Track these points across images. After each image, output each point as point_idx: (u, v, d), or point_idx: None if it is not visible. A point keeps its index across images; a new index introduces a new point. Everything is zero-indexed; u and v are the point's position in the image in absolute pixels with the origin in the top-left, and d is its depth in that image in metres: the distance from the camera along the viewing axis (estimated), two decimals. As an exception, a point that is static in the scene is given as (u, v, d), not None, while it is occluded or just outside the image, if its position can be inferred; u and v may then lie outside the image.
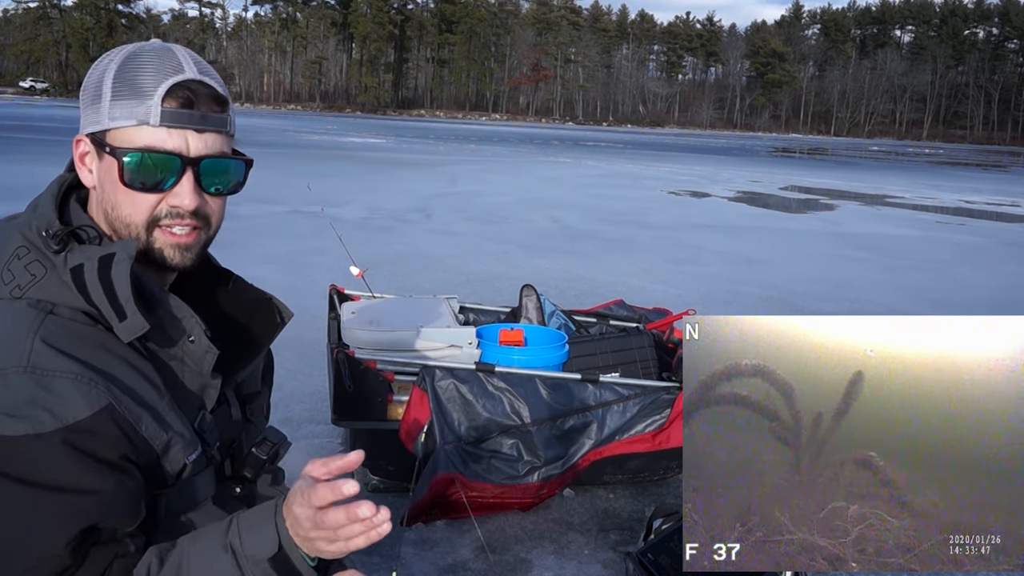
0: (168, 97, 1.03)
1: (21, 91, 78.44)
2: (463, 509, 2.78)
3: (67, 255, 1.02)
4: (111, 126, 1.05)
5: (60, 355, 0.95)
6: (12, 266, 1.02)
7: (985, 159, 48.84)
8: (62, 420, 0.92)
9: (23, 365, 0.93)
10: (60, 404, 0.93)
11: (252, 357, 1.23)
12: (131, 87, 1.04)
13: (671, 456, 3.03)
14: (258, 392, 1.31)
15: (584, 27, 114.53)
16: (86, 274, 1.00)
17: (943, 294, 7.63)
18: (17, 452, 0.91)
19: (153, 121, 1.03)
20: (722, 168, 25.34)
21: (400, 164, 19.86)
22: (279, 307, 1.25)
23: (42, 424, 0.91)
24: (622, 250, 8.99)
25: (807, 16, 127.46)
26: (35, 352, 0.94)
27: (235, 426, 1.22)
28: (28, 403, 0.92)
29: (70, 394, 0.94)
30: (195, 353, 1.08)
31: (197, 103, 1.05)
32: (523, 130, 59.05)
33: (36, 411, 0.92)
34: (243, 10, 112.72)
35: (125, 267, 1.00)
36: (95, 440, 0.95)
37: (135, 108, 1.03)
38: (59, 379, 0.94)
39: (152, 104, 1.03)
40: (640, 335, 3.34)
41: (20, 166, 13.51)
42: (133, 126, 1.04)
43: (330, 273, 4.99)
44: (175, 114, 1.04)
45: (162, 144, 1.04)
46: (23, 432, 0.91)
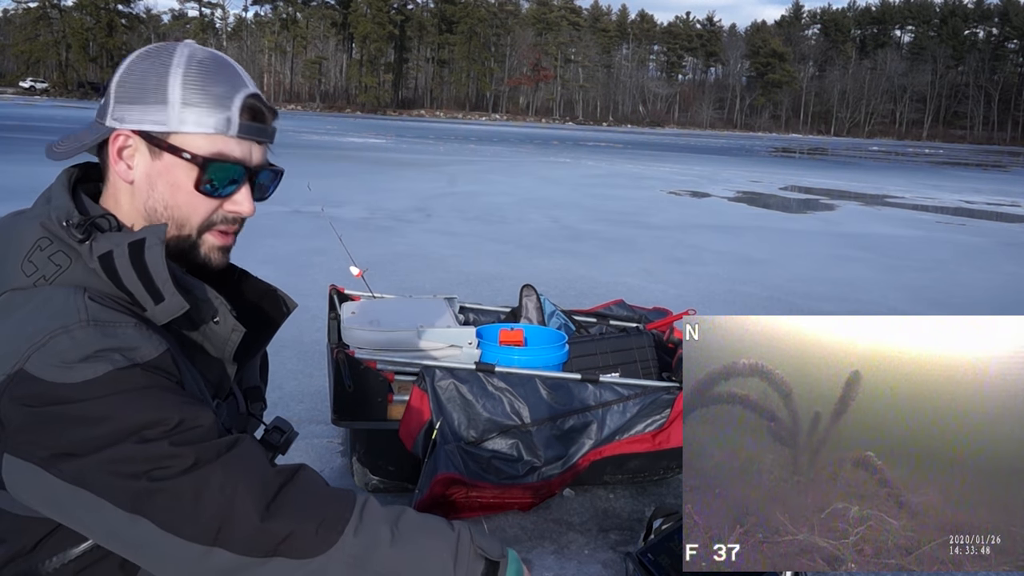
0: (244, 110, 1.09)
1: (21, 91, 78.44)
2: (463, 509, 2.78)
3: (92, 244, 1.03)
4: (181, 129, 1.07)
5: (111, 309, 0.99)
6: (34, 257, 1.03)
7: (985, 159, 48.84)
8: (134, 360, 0.95)
9: (84, 319, 0.95)
10: (129, 346, 0.96)
11: (262, 345, 1.27)
12: (206, 95, 1.08)
13: (671, 456, 3.03)
14: (256, 387, 1.34)
15: (584, 27, 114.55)
16: (116, 260, 1.02)
17: (943, 294, 7.63)
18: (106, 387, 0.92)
19: (232, 132, 1.09)
20: (722, 168, 25.34)
21: (400, 164, 19.86)
22: (284, 297, 1.29)
23: (118, 363, 0.94)
24: (622, 250, 8.99)
25: (807, 16, 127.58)
26: (90, 308, 0.97)
27: (242, 419, 1.25)
28: (100, 348, 0.94)
29: (136, 337, 0.97)
30: (219, 334, 1.12)
31: (265, 118, 1.12)
32: (523, 130, 59.06)
33: (110, 354, 0.94)
34: (243, 10, 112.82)
35: (159, 250, 1.03)
36: (168, 377, 0.98)
37: (212, 117, 1.07)
38: (121, 327, 0.97)
39: (231, 115, 1.08)
40: (640, 335, 3.34)
41: (20, 166, 13.51)
42: (209, 134, 1.08)
43: (330, 273, 4.99)
44: (250, 127, 1.10)
45: (233, 153, 1.10)
46: (104, 371, 0.93)
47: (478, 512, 2.71)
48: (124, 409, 0.92)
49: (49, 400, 0.91)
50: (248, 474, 0.96)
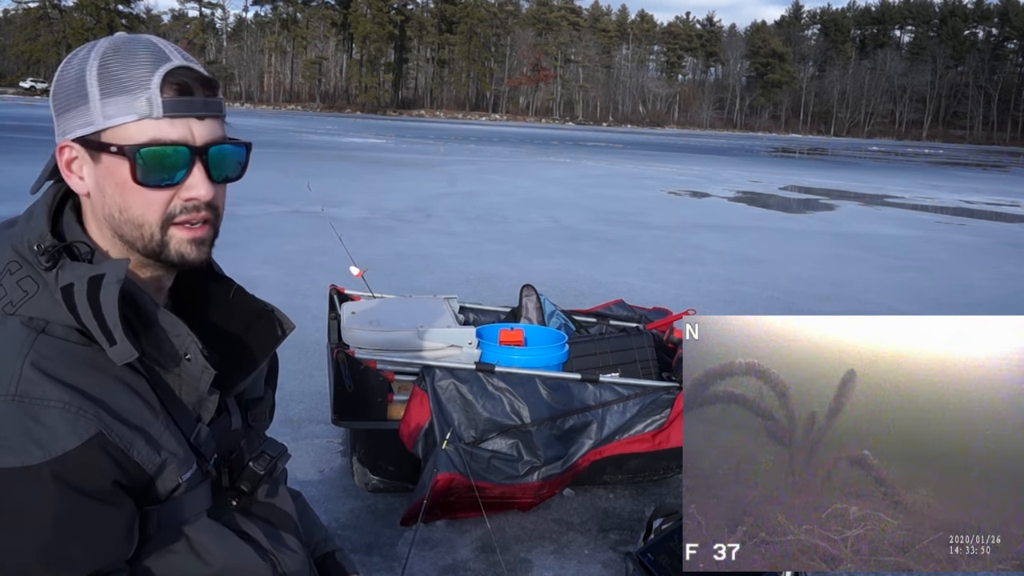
0: (165, 87, 0.99)
1: (21, 91, 78.37)
2: (463, 509, 2.79)
3: (58, 272, 0.99)
4: (107, 125, 1.00)
5: (49, 381, 0.93)
6: (4, 281, 0.99)
7: (985, 159, 48.83)
8: (50, 452, 0.90)
9: (11, 393, 0.91)
10: (48, 435, 0.91)
11: (250, 371, 1.20)
12: (122, 82, 0.99)
13: (671, 456, 3.04)
14: (260, 398, 1.28)
15: (584, 27, 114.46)
16: (76, 295, 0.97)
17: (943, 294, 7.63)
18: (5, 486, 0.89)
19: (156, 113, 0.99)
20: (722, 168, 25.34)
21: (400, 164, 19.86)
22: (280, 319, 1.21)
23: (30, 456, 0.89)
24: (622, 250, 8.99)
25: (807, 16, 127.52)
26: (24, 379, 0.92)
27: (235, 435, 1.19)
28: (16, 434, 0.90)
29: (58, 424, 0.91)
30: (192, 371, 1.06)
31: (194, 90, 1.01)
32: (523, 130, 59.05)
33: (24, 442, 0.90)
34: (243, 10, 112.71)
35: (113, 290, 0.97)
36: (84, 471, 0.93)
37: (132, 102, 0.99)
38: (47, 408, 0.91)
39: (151, 95, 0.99)
40: (640, 335, 3.34)
41: (20, 166, 13.51)
42: (134, 121, 0.99)
43: (330, 273, 4.99)
44: (177, 103, 1.00)
45: (167, 136, 1.00)
46: (12, 465, 0.89)
47: (478, 512, 2.71)
48: (12, 520, 0.89)
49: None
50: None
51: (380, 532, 2.79)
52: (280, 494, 1.27)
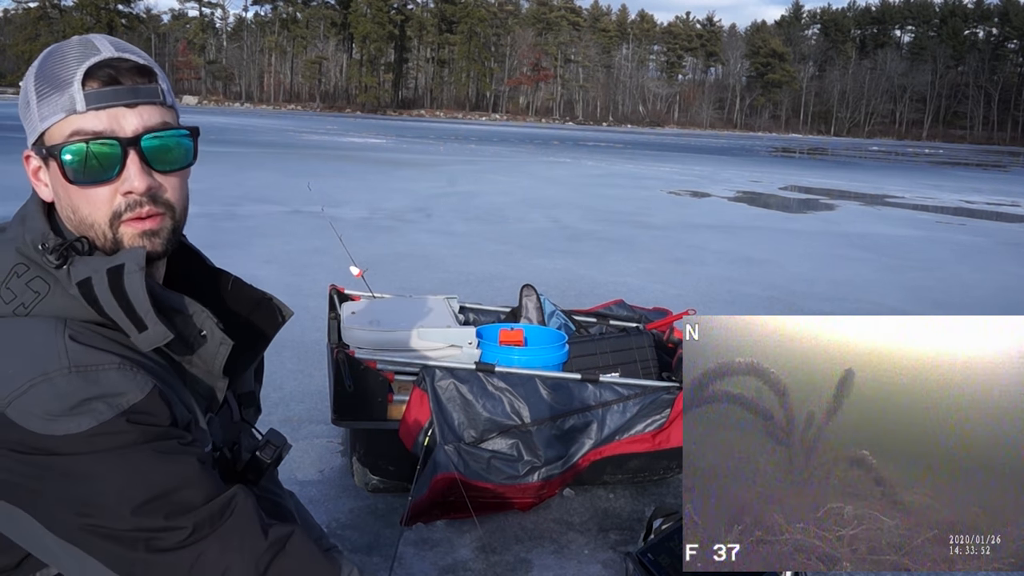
0: (88, 79, 0.97)
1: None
2: (463, 509, 2.78)
3: (70, 268, 0.98)
4: (43, 127, 1.00)
5: (93, 349, 0.94)
6: (11, 284, 0.98)
7: (985, 159, 48.83)
8: (120, 407, 0.91)
9: (66, 366, 0.91)
10: (113, 392, 0.92)
11: (255, 356, 1.22)
12: (51, 81, 0.98)
13: (671, 456, 3.04)
14: (251, 391, 1.30)
15: (584, 27, 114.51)
16: (95, 287, 0.97)
17: (943, 294, 7.64)
18: (90, 443, 0.90)
19: (79, 107, 0.97)
20: (722, 168, 25.33)
21: (400, 164, 19.86)
22: (279, 306, 1.24)
23: (102, 415, 0.90)
24: (622, 250, 8.99)
25: (807, 16, 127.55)
26: (71, 350, 0.93)
27: (235, 427, 1.22)
28: (83, 399, 0.90)
29: (120, 382, 0.93)
30: (207, 349, 1.06)
31: (121, 78, 0.98)
32: (523, 130, 59.04)
33: (93, 404, 0.90)
34: (243, 10, 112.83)
35: (139, 278, 0.98)
36: (154, 419, 0.94)
37: (59, 100, 0.98)
38: (104, 371, 0.92)
39: (74, 90, 0.97)
40: (640, 335, 3.34)
41: (20, 166, 13.50)
42: (61, 120, 0.98)
43: (330, 273, 4.99)
44: (99, 94, 0.97)
45: (89, 128, 0.97)
46: (88, 426, 0.89)
47: (478, 512, 2.72)
48: (111, 470, 0.90)
49: (35, 449, 0.89)
50: (243, 546, 0.94)
51: (380, 532, 2.79)
52: (279, 487, 1.29)
